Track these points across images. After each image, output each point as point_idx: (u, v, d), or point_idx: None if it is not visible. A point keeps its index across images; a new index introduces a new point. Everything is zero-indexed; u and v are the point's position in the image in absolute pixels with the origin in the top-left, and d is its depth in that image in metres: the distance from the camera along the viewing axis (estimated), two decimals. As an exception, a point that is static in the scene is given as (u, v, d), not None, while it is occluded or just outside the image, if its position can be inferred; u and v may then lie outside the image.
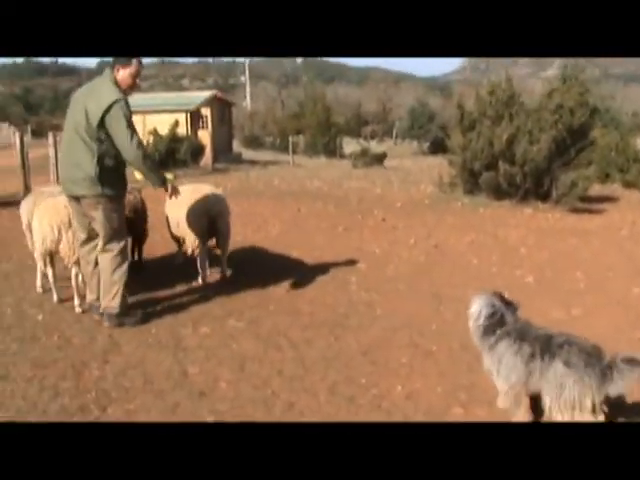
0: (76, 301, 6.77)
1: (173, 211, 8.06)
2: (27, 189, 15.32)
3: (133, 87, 6.34)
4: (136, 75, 6.28)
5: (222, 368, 5.38)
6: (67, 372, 5.21)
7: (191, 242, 7.81)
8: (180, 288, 7.63)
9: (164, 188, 6.54)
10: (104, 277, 6.35)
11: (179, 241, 8.37)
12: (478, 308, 4.45)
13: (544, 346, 4.13)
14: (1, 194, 15.92)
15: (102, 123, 5.95)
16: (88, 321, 6.46)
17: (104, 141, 6.03)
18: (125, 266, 6.41)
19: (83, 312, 6.67)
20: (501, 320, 4.35)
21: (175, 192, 6.60)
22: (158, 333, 6.18)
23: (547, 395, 4.09)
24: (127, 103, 6.04)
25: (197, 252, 7.83)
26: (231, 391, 4.94)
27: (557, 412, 4.03)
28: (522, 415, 4.35)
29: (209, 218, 7.69)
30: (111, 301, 6.34)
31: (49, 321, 6.46)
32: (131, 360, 5.51)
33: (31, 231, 6.99)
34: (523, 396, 4.30)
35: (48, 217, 6.59)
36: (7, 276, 8.12)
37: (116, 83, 6.12)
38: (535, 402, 4.28)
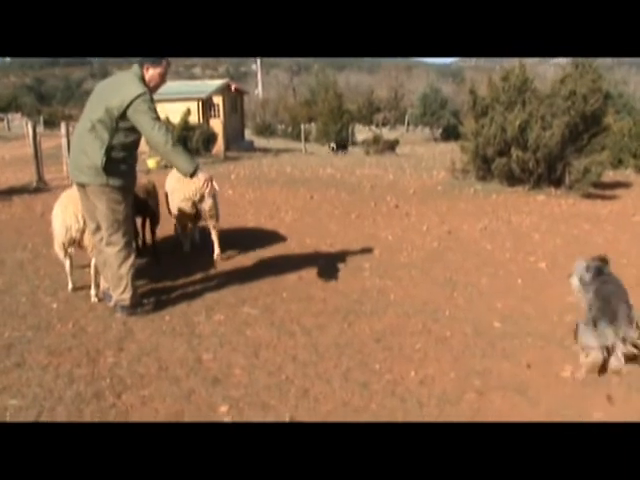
0: (92, 290, 6.78)
1: (169, 194, 8.66)
2: (40, 179, 15.41)
3: (159, 86, 6.32)
4: (164, 75, 6.27)
5: (236, 355, 5.39)
6: (82, 359, 5.23)
7: (179, 222, 8.59)
8: (193, 276, 7.63)
9: (194, 175, 6.10)
10: (111, 272, 6.30)
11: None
12: (585, 264, 5.76)
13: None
14: (15, 184, 15.99)
15: (124, 115, 5.91)
16: (102, 309, 6.48)
17: (118, 133, 5.99)
18: (131, 259, 6.31)
19: (99, 301, 6.71)
20: (599, 272, 5.64)
21: (210, 183, 6.17)
22: (172, 320, 6.19)
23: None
24: (152, 98, 6.01)
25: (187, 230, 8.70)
26: (245, 377, 4.95)
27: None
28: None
29: (193, 202, 8.20)
30: (121, 294, 6.32)
31: (64, 309, 6.48)
32: (145, 347, 5.52)
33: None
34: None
35: (73, 205, 6.53)
36: (22, 265, 8.14)
37: (143, 80, 6.09)
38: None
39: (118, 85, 6.07)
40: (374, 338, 5.80)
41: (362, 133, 51.89)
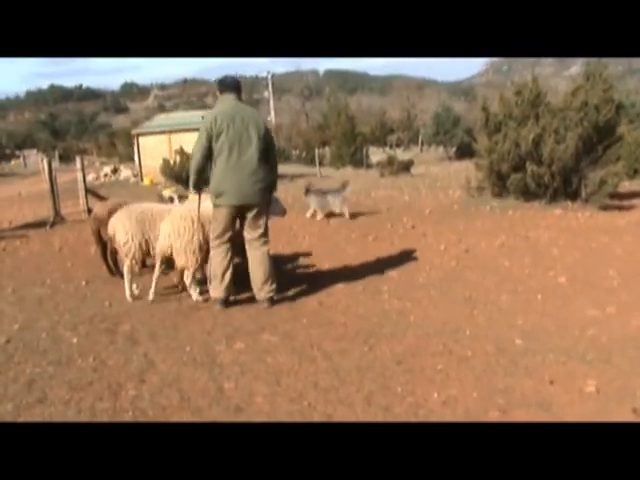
0: (194, 295, 7.99)
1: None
2: (57, 214, 15.47)
3: None
4: None
5: (258, 382, 5.37)
6: (104, 393, 5.22)
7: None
8: (212, 305, 7.63)
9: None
10: (266, 266, 7.46)
11: None
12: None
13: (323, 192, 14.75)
14: (32, 220, 16.08)
15: (265, 136, 7.18)
16: (122, 342, 6.49)
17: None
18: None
19: (205, 300, 7.82)
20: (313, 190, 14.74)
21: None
22: (193, 350, 6.18)
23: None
24: None
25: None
26: (267, 405, 4.93)
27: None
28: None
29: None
30: (272, 285, 7.50)
31: (84, 344, 6.49)
32: (167, 378, 5.51)
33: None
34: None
35: (164, 227, 7.80)
36: (41, 300, 8.18)
37: None
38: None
39: (247, 110, 7.34)
40: (395, 360, 5.77)
41: (376, 155, 51.82)
